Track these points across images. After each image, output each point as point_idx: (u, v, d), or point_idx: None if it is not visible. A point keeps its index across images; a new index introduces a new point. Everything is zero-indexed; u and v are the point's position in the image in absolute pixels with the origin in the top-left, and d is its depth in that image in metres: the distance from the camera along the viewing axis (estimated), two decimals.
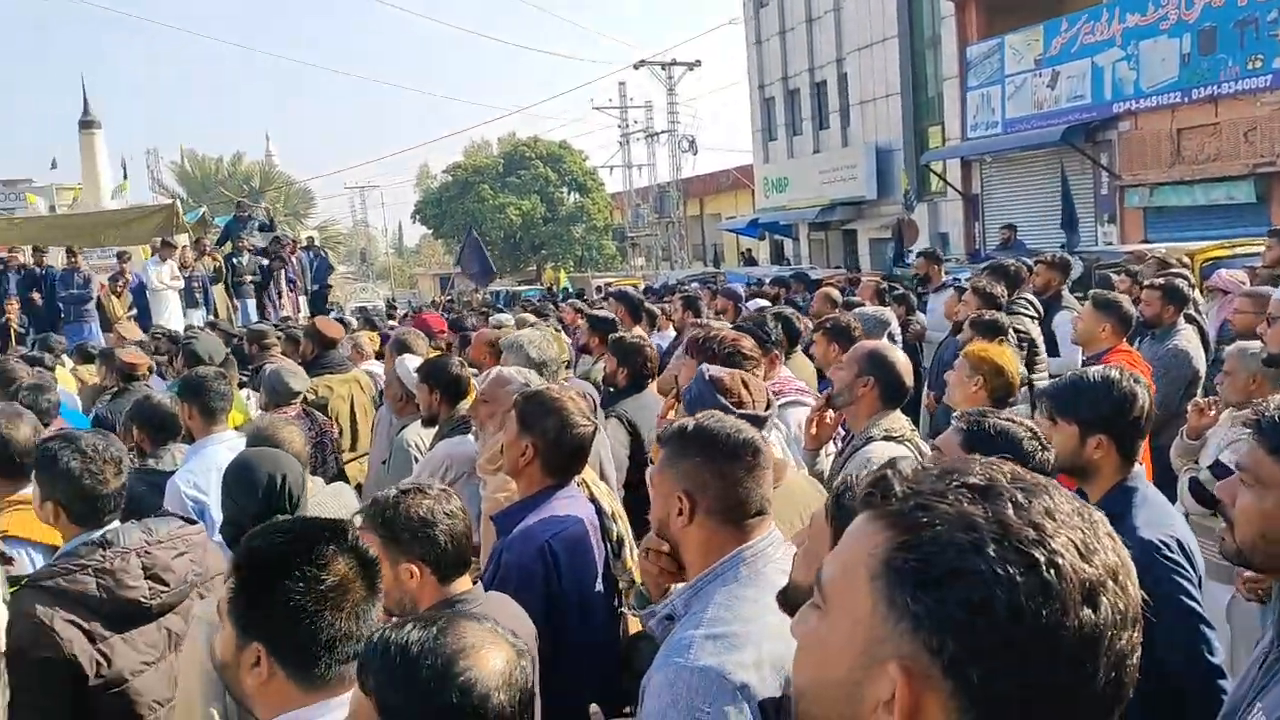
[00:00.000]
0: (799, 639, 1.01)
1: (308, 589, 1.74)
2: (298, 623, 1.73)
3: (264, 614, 1.76)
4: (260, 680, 1.76)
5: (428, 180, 65.09)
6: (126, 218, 20.79)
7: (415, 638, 1.47)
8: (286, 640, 1.75)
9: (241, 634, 1.78)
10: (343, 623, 1.75)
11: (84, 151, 36.09)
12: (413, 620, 1.52)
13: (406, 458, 4.99)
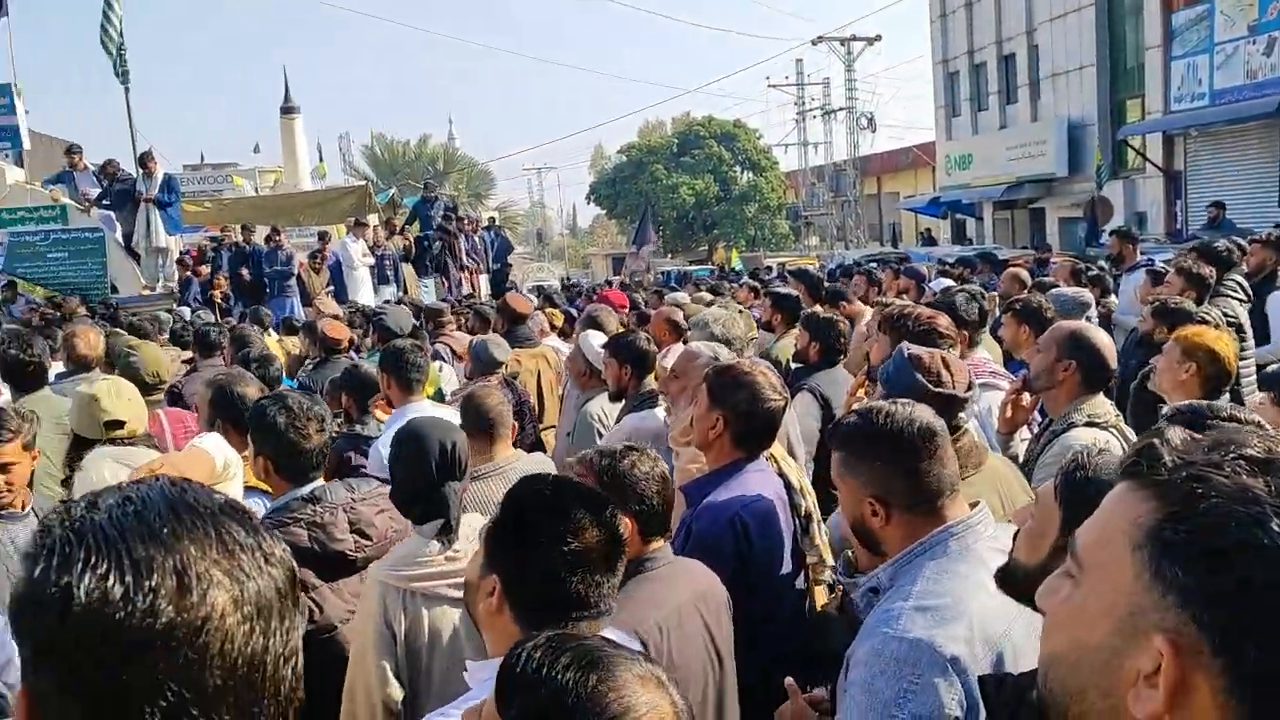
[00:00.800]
0: (1048, 609, 0.99)
1: (552, 545, 1.84)
2: (535, 573, 1.84)
3: (507, 552, 1.88)
4: (490, 610, 1.88)
5: (602, 161, 66.08)
6: (323, 198, 21.97)
7: (572, 682, 1.30)
8: (521, 584, 1.86)
9: (487, 563, 1.91)
10: (577, 586, 1.83)
11: (284, 136, 38.21)
12: (569, 650, 1.34)
13: (590, 430, 5.10)
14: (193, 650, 0.88)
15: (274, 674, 0.93)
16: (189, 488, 1.01)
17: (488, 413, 3.75)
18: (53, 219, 15.32)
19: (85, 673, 0.87)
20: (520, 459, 3.89)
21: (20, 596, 0.91)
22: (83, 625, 0.86)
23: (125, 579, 0.87)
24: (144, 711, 0.87)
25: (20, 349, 5.15)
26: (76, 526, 0.92)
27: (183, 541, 0.91)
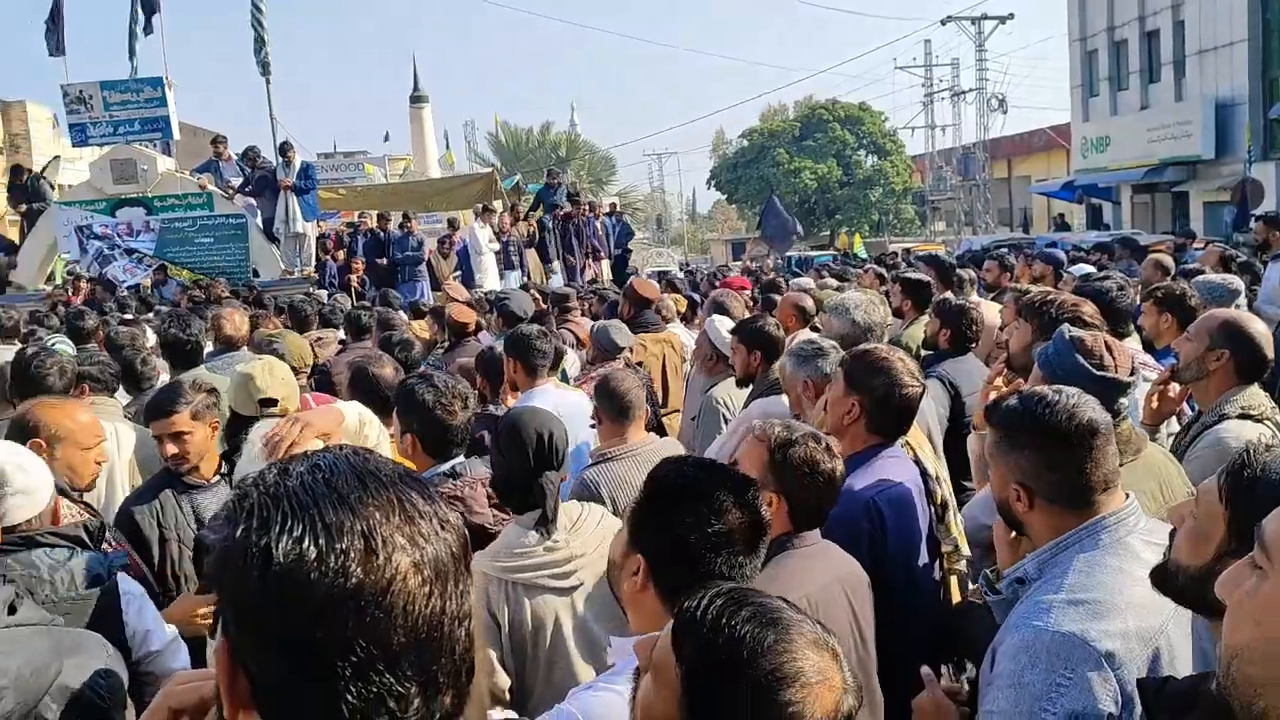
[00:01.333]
0: (1232, 601, 0.96)
1: (694, 525, 1.87)
2: (678, 553, 1.87)
3: (651, 532, 1.92)
4: (634, 588, 1.92)
5: (723, 146, 65.71)
6: (452, 185, 22.51)
7: (749, 635, 1.31)
8: (664, 563, 1.89)
9: (631, 541, 1.95)
10: (720, 566, 1.86)
11: (413, 124, 39.25)
12: (751, 604, 1.35)
13: (716, 415, 5.11)
14: (379, 610, 0.93)
15: (450, 634, 0.98)
16: (371, 458, 1.07)
17: (623, 396, 3.80)
18: (200, 206, 16.07)
19: (283, 627, 0.92)
20: (653, 441, 3.93)
21: (222, 556, 0.98)
22: (280, 583, 0.92)
23: (319, 541, 0.93)
24: (337, 665, 0.92)
25: (180, 328, 5.43)
26: (272, 492, 0.98)
27: (369, 507, 0.97)
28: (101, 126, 16.71)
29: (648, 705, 1.36)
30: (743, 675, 1.27)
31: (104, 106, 16.55)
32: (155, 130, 16.96)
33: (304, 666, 0.93)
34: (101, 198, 16.21)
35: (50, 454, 3.08)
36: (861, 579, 2.52)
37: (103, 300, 13.12)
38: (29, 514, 2.48)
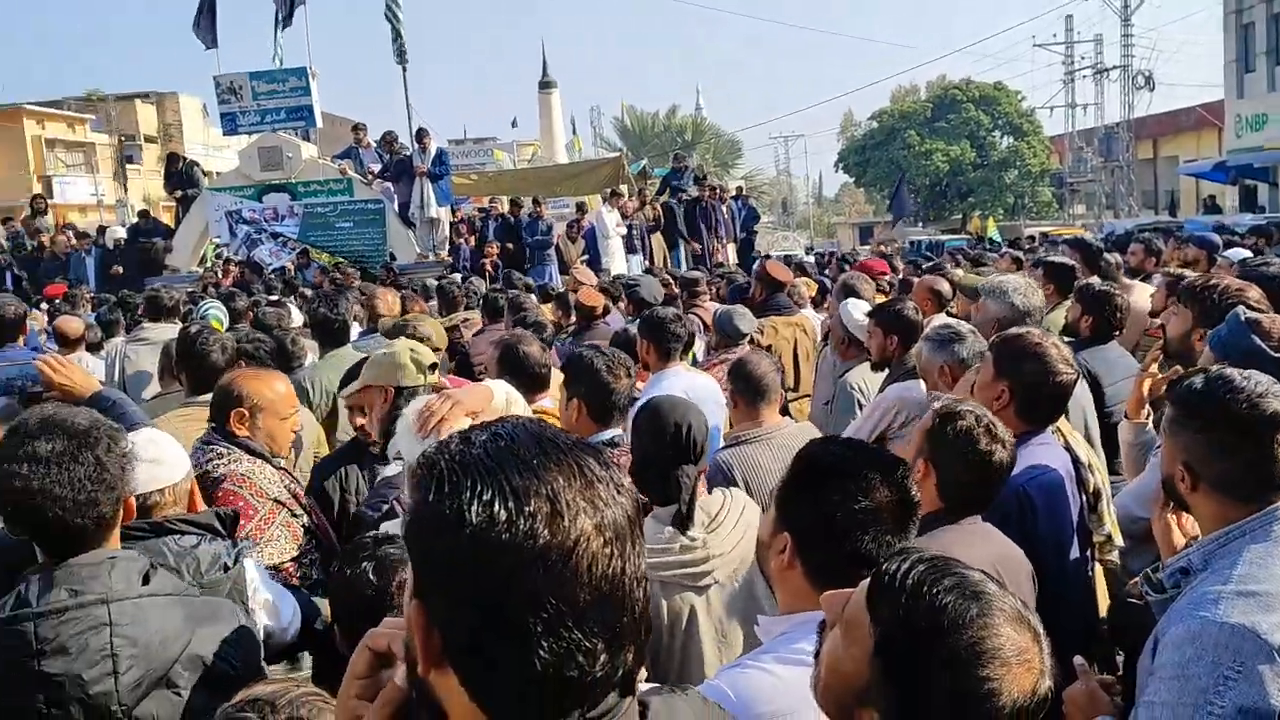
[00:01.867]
0: None
1: (842, 502, 1.86)
2: (825, 530, 1.87)
3: (798, 509, 1.92)
4: (781, 566, 1.93)
5: (851, 128, 64.65)
6: (580, 170, 22.79)
7: (951, 605, 1.27)
8: (811, 541, 1.89)
9: (778, 519, 1.96)
10: (867, 544, 1.85)
11: (542, 110, 39.77)
12: (955, 574, 1.31)
13: (850, 400, 5.05)
14: (566, 569, 0.98)
15: (630, 592, 1.02)
16: (547, 427, 1.11)
17: (759, 379, 3.79)
18: (340, 191, 16.67)
19: (476, 588, 0.97)
20: (787, 425, 3.92)
21: (415, 520, 1.04)
22: (474, 545, 0.97)
23: (508, 504, 0.97)
24: (529, 622, 0.97)
25: (329, 308, 5.66)
26: (458, 459, 1.02)
27: (551, 472, 1.01)
28: (250, 116, 17.48)
29: (835, 660, 1.36)
30: (941, 645, 1.25)
31: (252, 96, 17.31)
32: (299, 119, 17.64)
33: (497, 624, 0.97)
34: (249, 184, 16.97)
35: (252, 423, 3.25)
36: (1022, 565, 2.47)
37: (250, 282, 13.74)
38: (156, 485, 2.51)
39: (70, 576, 1.94)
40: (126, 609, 1.93)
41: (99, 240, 17.61)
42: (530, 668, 0.97)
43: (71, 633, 1.88)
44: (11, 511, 1.99)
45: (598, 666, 1.00)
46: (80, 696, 1.86)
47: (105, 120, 45.06)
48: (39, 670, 1.85)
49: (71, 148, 42.87)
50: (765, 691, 1.69)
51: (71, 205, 36.69)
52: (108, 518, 2.03)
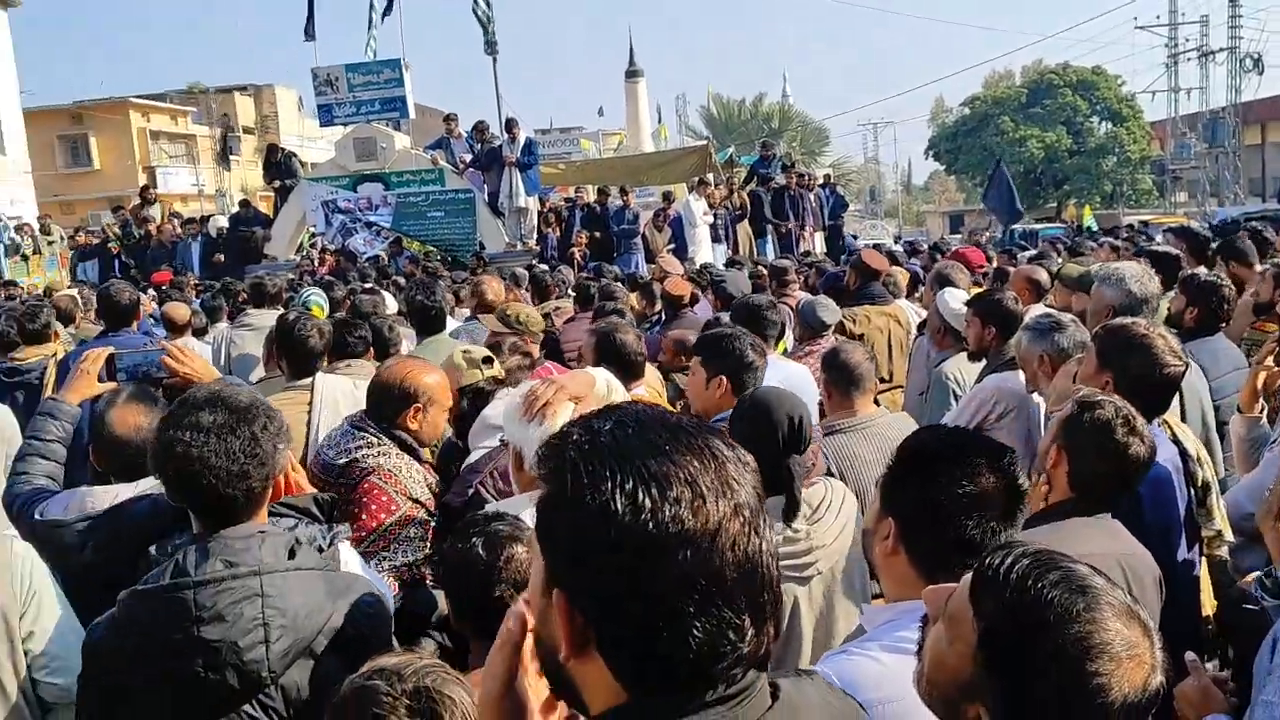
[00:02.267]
0: None
1: (946, 486, 1.85)
2: (929, 515, 1.86)
3: (902, 495, 1.92)
4: (885, 552, 1.92)
5: (942, 114, 63.42)
6: (667, 159, 22.79)
7: (1058, 599, 1.26)
8: (916, 526, 1.88)
9: (883, 505, 1.95)
10: (972, 530, 1.83)
11: (628, 99, 39.84)
12: (1060, 568, 1.29)
13: (945, 390, 4.99)
14: (713, 551, 1.00)
15: (768, 568, 1.05)
16: (666, 410, 1.14)
17: (853, 368, 3.78)
18: (432, 181, 16.94)
19: (628, 576, 1.00)
20: (883, 415, 3.90)
21: (552, 512, 1.06)
22: (623, 534, 0.99)
23: (651, 492, 1.00)
24: (681, 603, 1.00)
25: (426, 295, 5.77)
26: (587, 449, 1.05)
27: (685, 456, 1.03)
28: (345, 107, 17.87)
29: (938, 655, 1.36)
30: (1047, 639, 1.24)
31: (348, 88, 17.69)
32: (393, 110, 17.98)
33: (651, 608, 1.00)
34: (345, 174, 17.35)
35: (423, 416, 3.33)
36: (1149, 567, 2.41)
37: (345, 270, 14.06)
38: None
39: (224, 548, 2.03)
40: (276, 581, 2.02)
41: (203, 229, 18.20)
42: (685, 647, 1.00)
43: (228, 602, 1.97)
44: (173, 475, 2.10)
45: (746, 640, 1.03)
46: (235, 663, 1.96)
47: (206, 112, 46.43)
48: (198, 636, 1.95)
49: (174, 139, 44.29)
50: (871, 678, 1.70)
51: (174, 195, 37.92)
52: (256, 492, 2.12)
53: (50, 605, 2.66)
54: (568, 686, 1.11)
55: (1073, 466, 2.45)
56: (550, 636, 1.08)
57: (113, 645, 2.05)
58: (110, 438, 2.94)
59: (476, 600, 2.08)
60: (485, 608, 2.04)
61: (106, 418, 2.95)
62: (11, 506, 2.96)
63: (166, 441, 2.09)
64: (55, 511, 2.85)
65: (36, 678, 2.64)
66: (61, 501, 2.88)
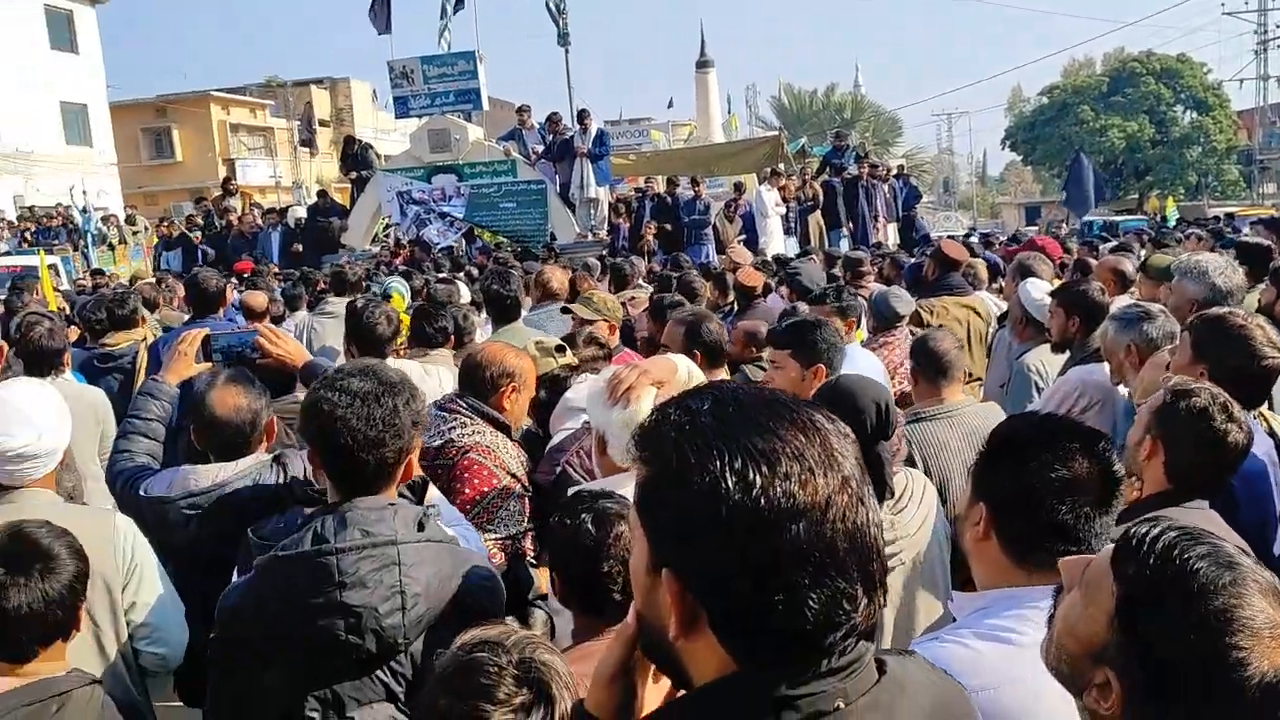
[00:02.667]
0: None
1: (1039, 471, 1.83)
2: (1020, 499, 1.84)
3: (994, 480, 1.90)
4: (976, 538, 1.90)
5: (1020, 104, 62.21)
6: (737, 149, 22.71)
7: (1204, 570, 1.23)
8: (1007, 511, 1.86)
9: (974, 491, 1.94)
10: (1064, 516, 1.81)
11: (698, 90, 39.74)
12: (1208, 543, 1.27)
13: (1027, 382, 4.91)
14: (825, 523, 1.01)
15: (876, 537, 1.06)
16: (759, 387, 1.15)
17: (941, 355, 3.75)
18: (504, 172, 17.08)
19: (742, 554, 1.01)
20: (970, 403, 3.87)
21: (657, 493, 1.06)
22: (735, 512, 1.00)
23: (761, 470, 1.00)
24: (796, 576, 1.01)
25: (501, 284, 5.83)
26: (688, 428, 1.05)
27: (788, 431, 1.04)
28: (420, 99, 18.11)
29: (1071, 621, 1.35)
30: (1190, 610, 1.22)
31: (423, 80, 17.92)
32: (467, 101, 18.17)
33: (766, 583, 1.01)
34: (419, 165, 17.57)
35: (516, 397, 3.41)
36: None
37: (420, 260, 14.26)
38: None
39: (361, 518, 2.11)
40: (410, 551, 2.10)
41: (283, 219, 18.59)
42: (802, 619, 1.01)
43: (369, 568, 2.05)
44: (314, 432, 2.19)
45: (859, 609, 1.03)
46: (375, 627, 2.03)
47: (283, 105, 47.38)
48: (341, 601, 2.02)
49: (253, 132, 45.31)
50: (964, 665, 1.69)
51: (252, 187, 38.78)
52: (389, 462, 2.19)
53: (151, 579, 2.77)
54: (674, 663, 1.12)
55: (1169, 457, 2.40)
56: (657, 616, 1.09)
57: (251, 608, 2.13)
58: (210, 418, 3.04)
59: (583, 576, 2.12)
60: (592, 584, 2.09)
61: (207, 398, 3.06)
62: (116, 482, 3.08)
63: (314, 400, 2.20)
64: (159, 488, 2.96)
65: (137, 647, 2.76)
66: (165, 479, 3.00)
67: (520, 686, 1.57)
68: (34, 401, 2.76)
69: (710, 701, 1.07)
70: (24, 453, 2.68)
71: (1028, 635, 1.67)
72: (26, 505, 2.73)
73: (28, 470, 2.73)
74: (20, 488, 2.76)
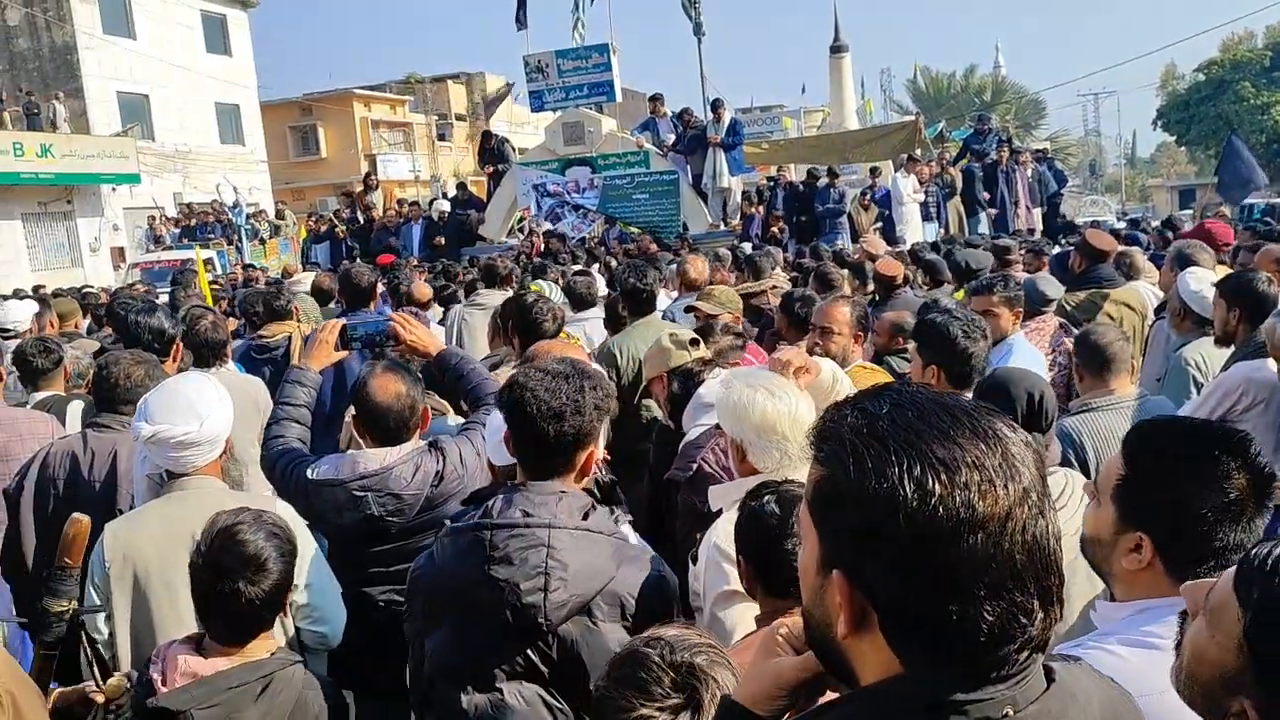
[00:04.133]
0: None
1: (1203, 496, 1.74)
2: (1186, 526, 1.75)
3: (1153, 505, 1.80)
4: (1135, 565, 1.81)
5: (1173, 82, 59.12)
6: (873, 135, 22.19)
7: None
8: (1170, 538, 1.77)
9: (1126, 517, 1.83)
10: (1234, 534, 1.73)
11: (832, 75, 39.08)
12: None
13: (1185, 377, 4.70)
14: (1004, 535, 0.99)
15: (1054, 550, 1.04)
16: (940, 393, 1.12)
17: (1104, 347, 3.66)
18: (637, 164, 17.19)
19: (919, 561, 1.00)
20: (1142, 395, 3.79)
21: (832, 494, 1.06)
22: (914, 519, 0.99)
23: (940, 478, 0.99)
24: (973, 587, 0.99)
25: (637, 278, 5.88)
26: (866, 432, 1.04)
27: (970, 439, 1.02)
28: (555, 93, 18.37)
29: (1199, 649, 1.30)
30: None
31: (558, 73, 18.15)
32: (601, 94, 18.33)
33: (941, 593, 1.00)
34: (554, 158, 17.83)
35: None
36: None
37: (557, 252, 14.48)
38: None
39: (526, 500, 2.24)
40: (563, 537, 2.20)
41: (425, 212, 19.15)
42: (976, 630, 1.00)
43: (517, 546, 2.17)
44: (508, 402, 2.34)
45: (1035, 623, 1.02)
46: (515, 603, 2.14)
47: (422, 101, 48.65)
48: (489, 573, 2.16)
49: (393, 127, 46.65)
50: (1111, 673, 1.63)
51: (392, 181, 39.99)
52: (568, 440, 2.30)
53: (310, 561, 2.92)
54: (839, 661, 1.12)
55: None
56: (825, 614, 1.09)
57: (429, 575, 2.31)
58: (371, 405, 3.19)
59: (768, 556, 2.14)
60: (778, 563, 2.10)
61: (368, 387, 3.21)
62: (274, 467, 3.26)
63: (513, 376, 2.39)
64: (328, 472, 3.13)
65: (300, 626, 2.92)
66: (332, 463, 3.17)
67: (675, 690, 1.59)
68: (196, 392, 2.95)
69: (876, 701, 1.07)
70: (186, 440, 2.88)
71: None
72: (194, 492, 2.93)
73: (192, 456, 2.93)
74: (188, 474, 2.95)
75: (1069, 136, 64.48)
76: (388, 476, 3.07)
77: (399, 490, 3.06)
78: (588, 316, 6.69)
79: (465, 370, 3.54)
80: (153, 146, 31.83)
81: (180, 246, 22.77)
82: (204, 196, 29.31)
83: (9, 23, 30.84)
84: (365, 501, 3.04)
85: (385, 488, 3.06)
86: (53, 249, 28.92)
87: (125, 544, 2.88)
